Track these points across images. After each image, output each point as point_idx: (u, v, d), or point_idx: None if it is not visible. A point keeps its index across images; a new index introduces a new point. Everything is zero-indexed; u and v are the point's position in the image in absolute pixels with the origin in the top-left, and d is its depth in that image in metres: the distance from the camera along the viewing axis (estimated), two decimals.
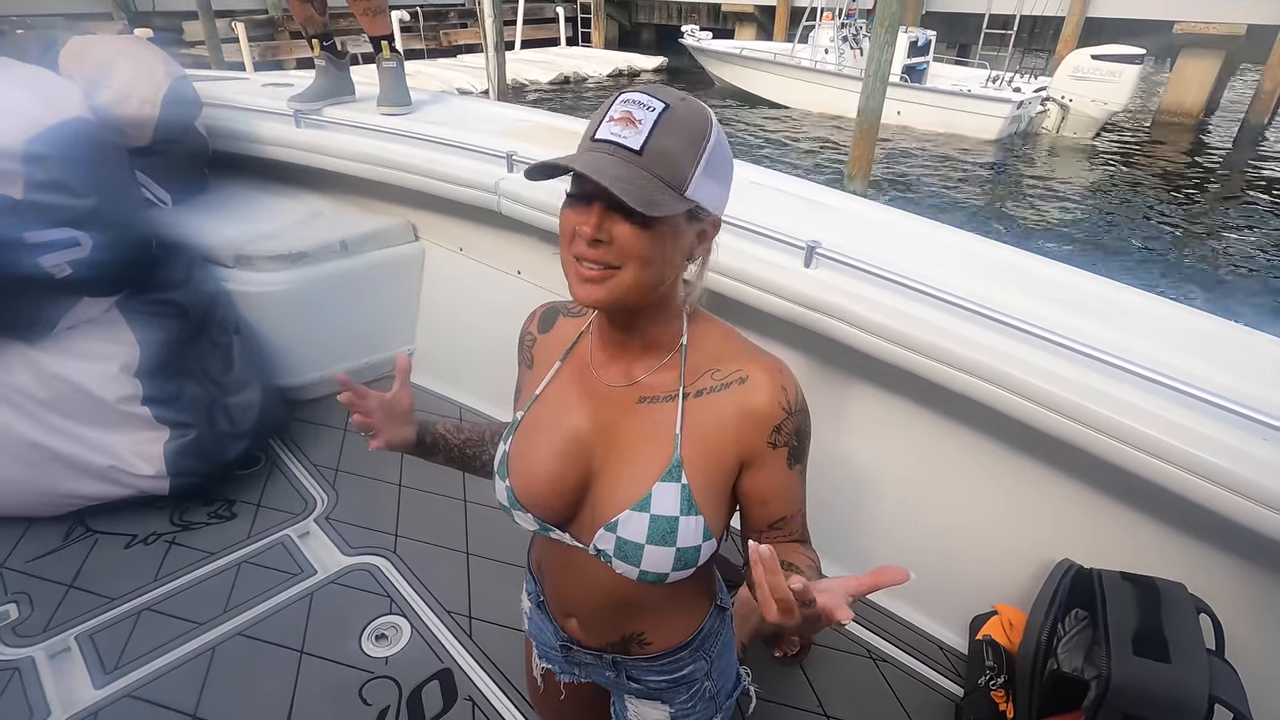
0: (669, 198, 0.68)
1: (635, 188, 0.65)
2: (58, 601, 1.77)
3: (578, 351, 0.87)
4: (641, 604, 0.89)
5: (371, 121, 2.43)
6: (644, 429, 0.80)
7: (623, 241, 0.68)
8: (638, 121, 0.67)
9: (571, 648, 0.97)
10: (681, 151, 0.68)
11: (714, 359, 0.81)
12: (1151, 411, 1.27)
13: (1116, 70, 11.60)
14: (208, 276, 2.19)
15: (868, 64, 7.86)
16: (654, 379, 0.81)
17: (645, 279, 0.71)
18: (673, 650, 0.94)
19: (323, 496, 2.16)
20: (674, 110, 0.68)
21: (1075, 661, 1.41)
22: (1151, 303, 1.59)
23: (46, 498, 1.90)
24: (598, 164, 0.66)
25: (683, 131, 0.68)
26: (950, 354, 1.44)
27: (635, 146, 0.66)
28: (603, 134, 0.68)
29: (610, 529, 0.79)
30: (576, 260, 0.71)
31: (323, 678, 1.63)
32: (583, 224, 0.69)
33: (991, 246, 1.80)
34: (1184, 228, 9.13)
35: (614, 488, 0.80)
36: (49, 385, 1.82)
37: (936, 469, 1.75)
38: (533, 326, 0.94)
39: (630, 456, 0.80)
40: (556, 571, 0.94)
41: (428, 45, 16.78)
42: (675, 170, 0.68)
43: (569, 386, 0.86)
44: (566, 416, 0.84)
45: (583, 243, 0.69)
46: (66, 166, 1.73)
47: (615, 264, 0.69)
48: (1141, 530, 1.48)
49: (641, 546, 0.77)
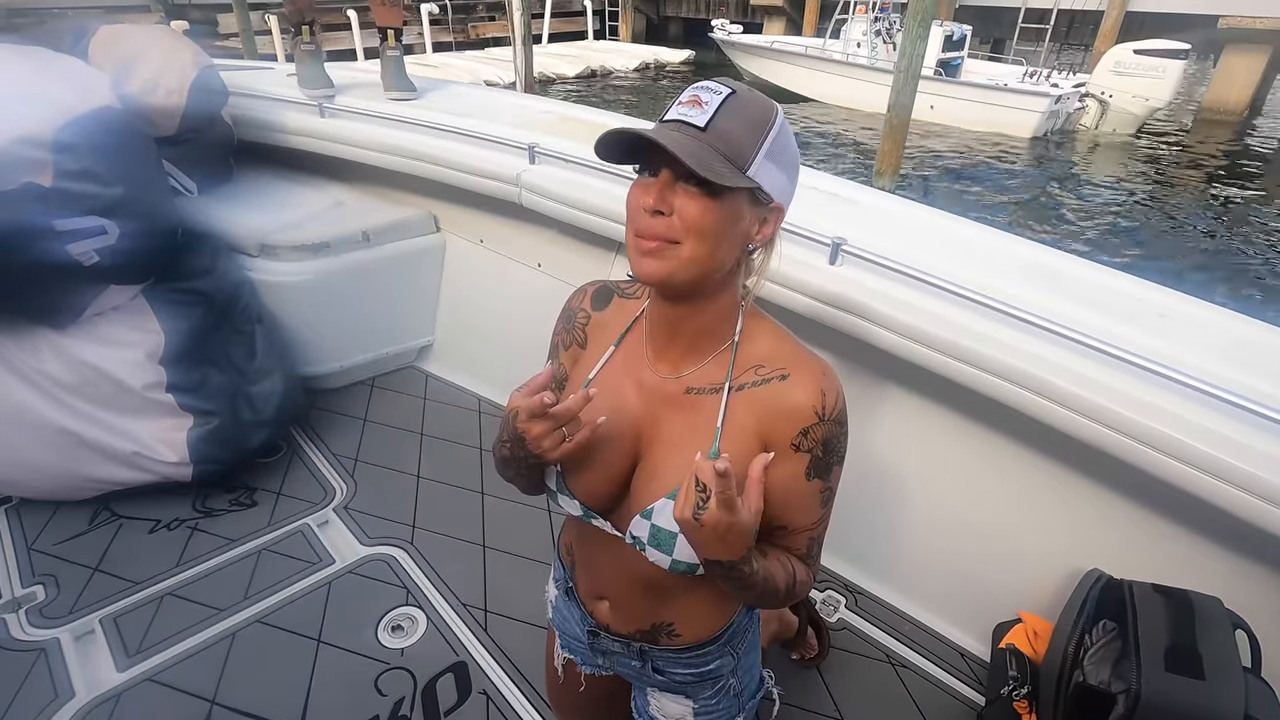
0: (730, 171, 0.69)
1: (697, 156, 0.66)
2: (83, 584, 1.80)
3: (632, 337, 0.87)
4: (673, 593, 0.89)
5: (394, 112, 2.43)
6: (688, 420, 0.81)
7: (684, 213, 0.69)
8: (704, 103, 0.69)
9: (599, 634, 0.97)
10: (744, 132, 0.70)
11: (761, 356, 0.81)
12: (1190, 419, 1.21)
13: (1160, 66, 11.26)
14: (232, 265, 2.20)
15: (899, 58, 7.71)
16: (703, 372, 0.81)
17: (703, 254, 0.71)
18: (701, 644, 0.94)
19: (342, 486, 2.18)
20: (740, 95, 0.71)
21: (1102, 674, 1.37)
22: (1192, 306, 1.53)
23: (73, 482, 1.94)
24: (662, 135, 0.67)
25: (747, 115, 0.71)
26: (979, 356, 1.40)
27: (700, 124, 0.69)
28: (671, 115, 0.71)
29: (646, 516, 0.79)
30: (638, 236, 0.72)
31: (339, 667, 1.64)
32: (646, 195, 0.70)
33: (1024, 245, 1.74)
34: (1227, 229, 8.85)
35: (655, 476, 0.81)
36: (76, 371, 1.85)
37: (961, 472, 1.71)
38: (585, 303, 0.93)
39: (672, 447, 0.81)
40: (591, 555, 0.94)
41: (456, 38, 16.85)
42: (738, 148, 0.69)
43: (622, 373, 0.86)
44: (618, 403, 0.84)
45: (645, 215, 0.70)
46: (95, 155, 1.75)
47: (675, 239, 0.70)
48: (1175, 541, 1.43)
49: (675, 535, 0.77)
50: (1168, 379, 1.24)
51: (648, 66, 17.36)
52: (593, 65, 16.36)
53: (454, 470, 2.26)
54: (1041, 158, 11.41)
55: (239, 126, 2.51)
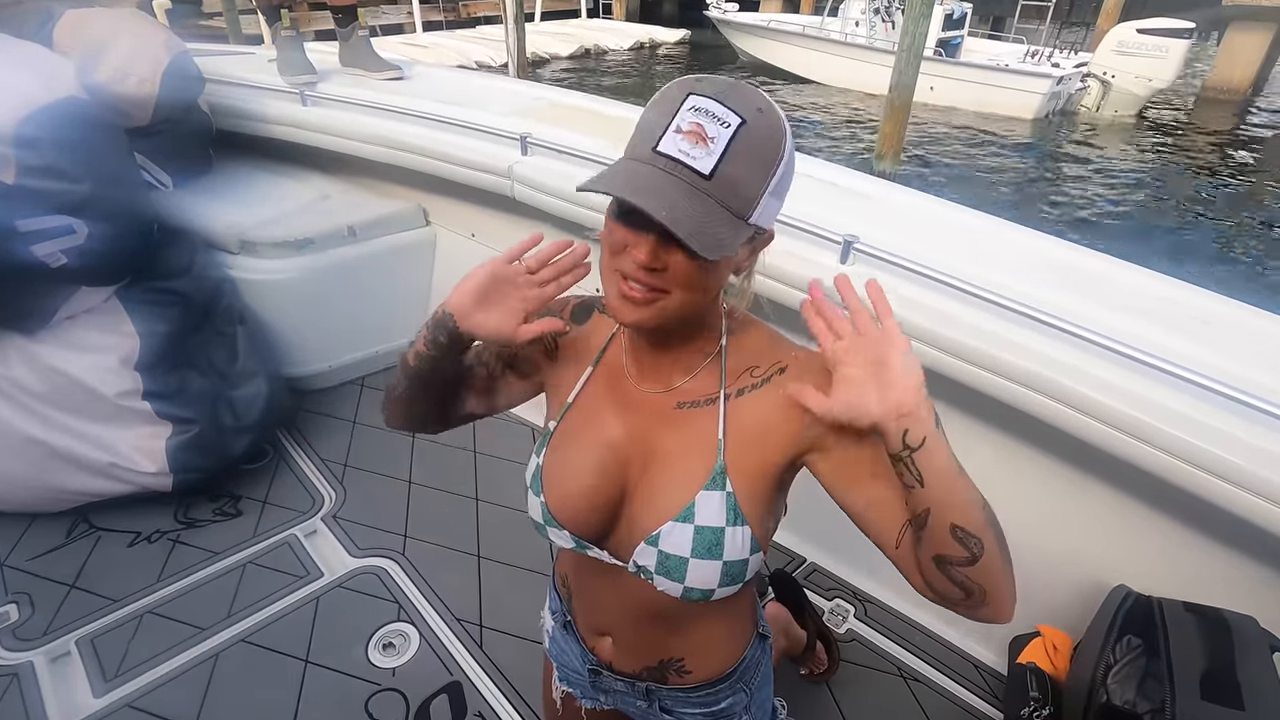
0: (730, 231, 0.61)
1: (700, 226, 0.58)
2: (59, 603, 1.72)
3: (611, 355, 0.81)
4: (682, 627, 0.83)
5: (380, 100, 2.32)
6: (683, 436, 0.74)
7: (678, 272, 0.63)
8: (709, 140, 0.59)
9: (601, 673, 0.91)
10: (752, 177, 0.62)
11: (753, 357, 0.75)
12: (1226, 430, 1.14)
13: (1163, 45, 11.12)
14: (211, 264, 2.11)
15: (901, 37, 7.55)
16: (692, 384, 0.75)
17: (692, 304, 0.67)
18: (713, 681, 0.88)
19: (330, 494, 2.09)
20: (750, 128, 0.60)
21: (1127, 693, 1.30)
22: (1236, 311, 1.44)
23: (47, 494, 1.85)
24: (660, 190, 0.59)
25: (757, 155, 0.62)
26: (1000, 362, 1.33)
27: (705, 171, 0.59)
28: (667, 147, 0.60)
29: (651, 542, 0.73)
30: (621, 276, 0.65)
31: (328, 689, 1.57)
32: (636, 248, 0.63)
33: (1050, 242, 1.65)
34: (1233, 211, 8.76)
35: (653, 499, 0.74)
36: (46, 379, 1.76)
37: (976, 478, 1.63)
38: (567, 314, 0.85)
39: (670, 466, 0.74)
40: (590, 588, 0.87)
41: (446, 17, 16.60)
42: (743, 199, 0.62)
43: (603, 393, 0.79)
44: (602, 426, 0.77)
45: (632, 263, 0.63)
46: (60, 150, 1.64)
47: (664, 289, 0.64)
48: (1204, 555, 1.37)
49: (686, 560, 0.71)
50: (1204, 388, 1.16)
51: (642, 46, 17.14)
52: (586, 44, 16.14)
53: (447, 475, 2.18)
54: (1043, 139, 11.28)
55: (217, 116, 2.40)
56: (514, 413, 2.38)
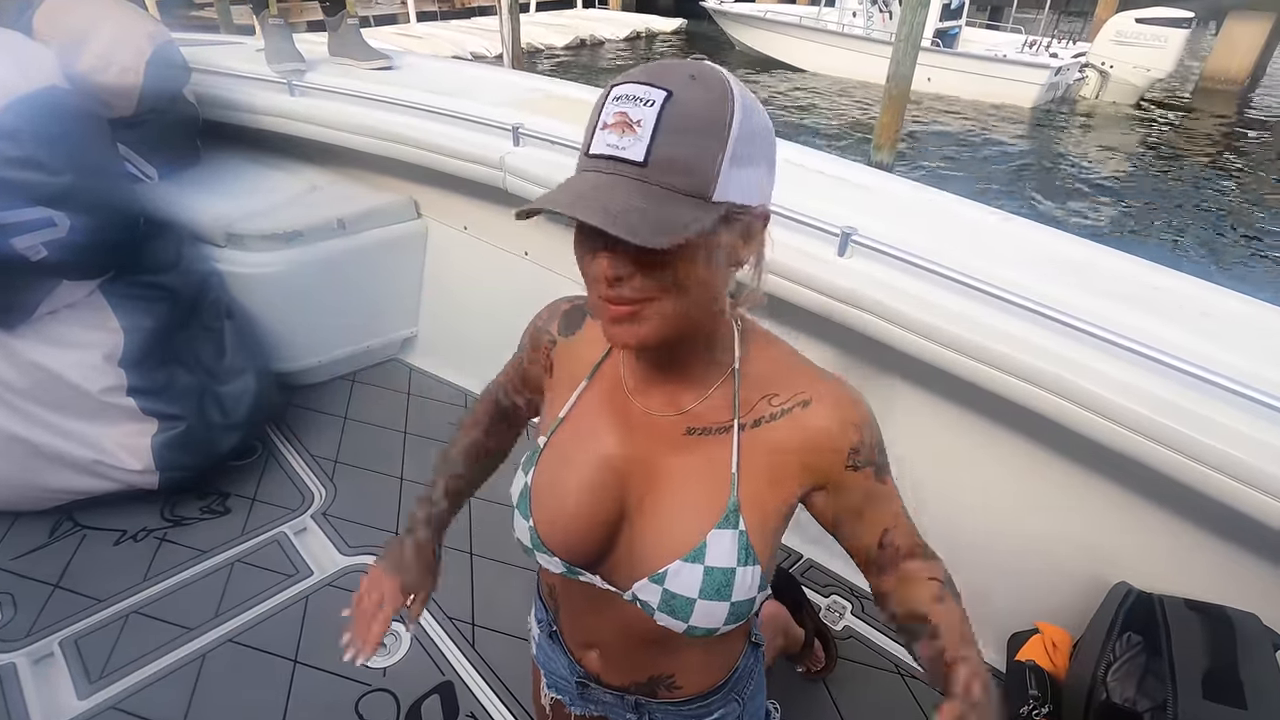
0: (691, 212, 0.54)
1: (642, 217, 0.52)
2: (42, 603, 1.68)
3: (606, 369, 0.75)
4: (674, 645, 0.79)
5: (370, 90, 2.27)
6: (694, 465, 0.69)
7: (649, 273, 0.57)
8: (635, 124, 0.53)
9: (588, 685, 0.88)
10: (698, 149, 0.54)
11: (771, 382, 0.70)
12: (1228, 425, 1.12)
13: (1162, 35, 11.07)
14: (198, 257, 2.07)
15: (899, 27, 7.50)
16: (703, 408, 0.70)
17: (686, 305, 0.59)
18: (704, 694, 0.85)
19: (320, 490, 2.06)
20: (679, 98, 0.54)
21: (1127, 691, 1.29)
22: (1239, 304, 1.41)
23: (30, 492, 1.82)
24: (593, 192, 0.54)
25: (696, 122, 0.54)
26: (997, 355, 1.30)
27: (637, 158, 0.53)
28: (597, 148, 0.55)
29: (657, 580, 0.68)
30: (605, 301, 0.59)
31: (317, 689, 1.54)
32: (593, 265, 0.58)
33: (1051, 234, 1.62)
34: (1232, 202, 8.74)
35: (660, 533, 0.69)
36: (28, 375, 1.72)
37: (976, 475, 1.62)
38: (553, 327, 0.81)
39: (679, 497, 0.69)
40: (578, 606, 0.83)
41: (440, 7, 16.45)
42: (694, 175, 0.54)
43: (600, 409, 0.74)
44: (597, 444, 0.72)
45: (603, 284, 0.58)
46: (39, 140, 1.60)
47: (647, 297, 0.58)
48: (1207, 553, 1.34)
49: (693, 601, 0.67)
50: (1207, 382, 1.14)
51: (639, 36, 17.02)
52: (582, 35, 16.02)
53: None
54: (1040, 130, 11.24)
55: (204, 106, 2.35)
56: None
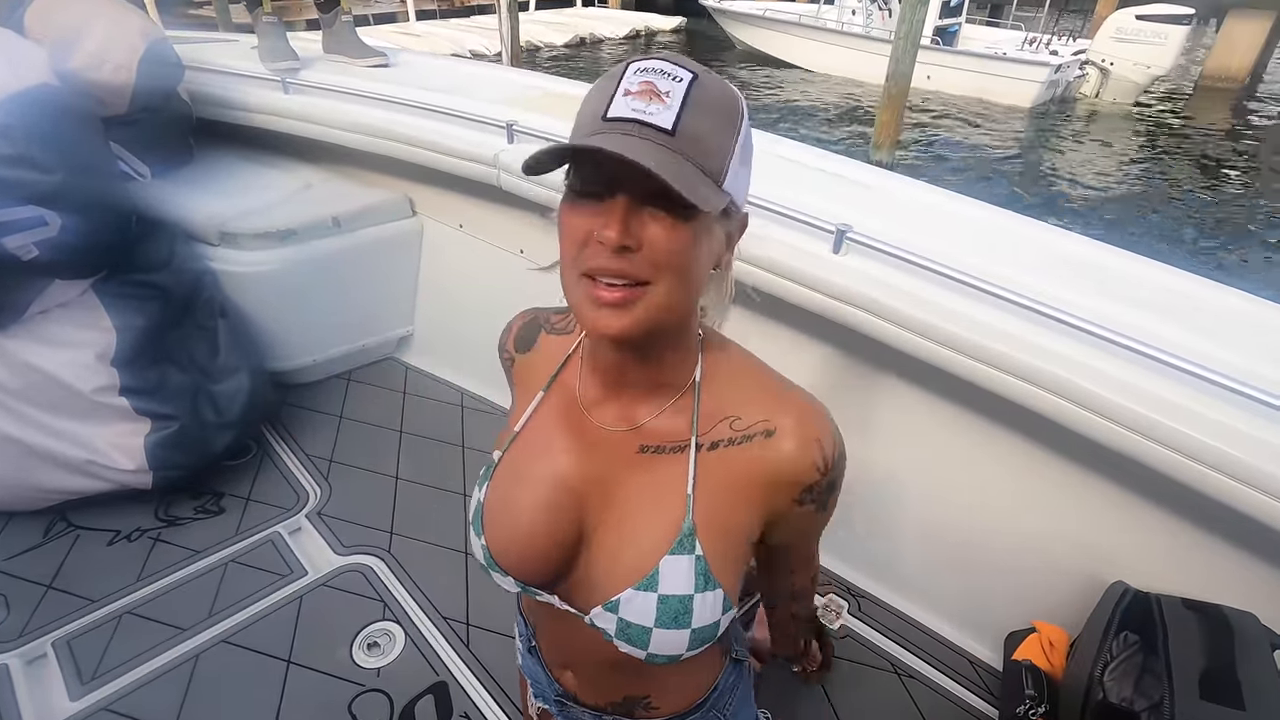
0: (708, 187, 0.53)
1: (677, 173, 0.50)
2: (36, 603, 1.68)
3: (564, 380, 0.72)
4: (648, 669, 0.76)
5: (364, 87, 2.26)
6: (647, 486, 0.66)
7: (659, 246, 0.53)
8: (664, 94, 0.52)
9: (566, 703, 0.86)
10: (717, 133, 0.54)
11: (732, 403, 0.66)
12: (1225, 423, 1.11)
13: (1162, 31, 11.05)
14: (191, 256, 2.05)
15: (898, 25, 7.49)
16: (659, 423, 0.66)
17: (680, 295, 0.56)
18: (682, 714, 0.83)
19: (315, 490, 2.05)
20: (704, 82, 0.54)
21: (1124, 690, 1.27)
22: (1237, 300, 1.41)
23: (23, 492, 1.81)
24: (627, 146, 0.50)
25: (718, 110, 0.54)
26: (994, 354, 1.29)
27: (666, 125, 0.51)
28: (619, 111, 0.52)
29: (610, 609, 0.65)
30: (590, 279, 0.55)
31: (311, 690, 1.53)
32: (603, 226, 0.52)
33: (1049, 232, 1.61)
34: (1232, 201, 8.71)
35: (614, 558, 0.66)
36: (20, 374, 1.71)
37: (973, 473, 1.61)
38: (509, 343, 0.79)
39: (631, 520, 0.66)
40: (549, 626, 0.82)
41: (440, 5, 16.43)
42: (712, 157, 0.54)
43: (555, 423, 0.71)
44: (552, 461, 0.69)
45: (603, 253, 0.53)
46: (30, 138, 1.59)
47: (645, 278, 0.54)
48: (1205, 552, 1.34)
49: (648, 630, 0.63)
50: (1205, 380, 1.13)
51: (638, 34, 17.00)
52: (581, 33, 15.99)
53: (434, 470, 2.14)
54: (1041, 128, 11.21)
55: (197, 104, 2.34)
56: (502, 405, 2.35)
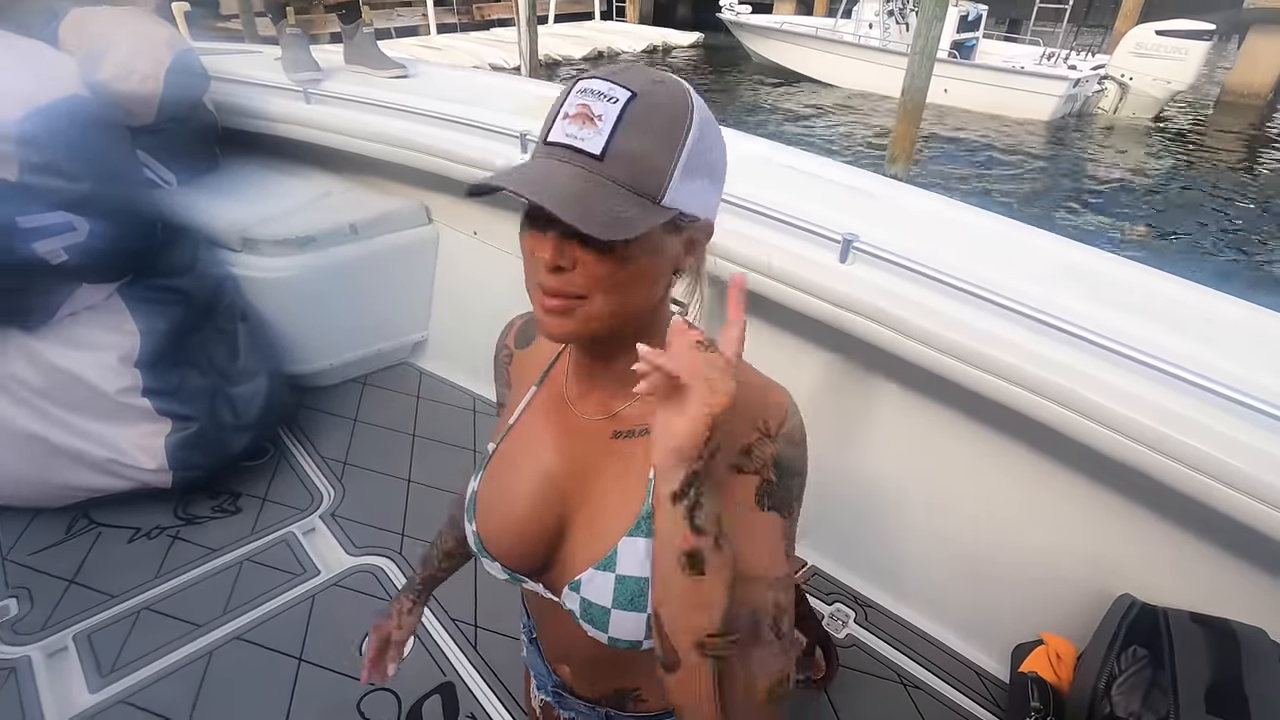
0: (639, 211, 0.55)
1: (592, 207, 0.52)
2: (58, 597, 1.72)
3: (555, 375, 0.76)
4: (636, 660, 0.76)
5: (383, 98, 2.31)
6: (617, 470, 0.68)
7: (589, 269, 0.56)
8: (597, 118, 0.54)
9: (563, 695, 0.88)
10: (654, 151, 0.55)
11: None
12: (1234, 437, 1.11)
13: (1183, 47, 10.94)
14: (213, 261, 2.11)
15: (915, 39, 7.48)
16: (631, 410, 0.68)
17: (615, 306, 0.59)
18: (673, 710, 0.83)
19: (330, 491, 2.09)
20: (642, 99, 0.55)
21: (1132, 704, 1.27)
22: (1243, 311, 1.41)
23: (48, 489, 1.86)
24: (547, 178, 0.54)
25: (655, 125, 0.55)
26: (1000, 364, 1.30)
27: (595, 151, 0.54)
28: (556, 135, 0.56)
29: (574, 588, 0.67)
30: (540, 289, 0.59)
31: (321, 688, 1.56)
32: (539, 248, 0.57)
33: (1055, 241, 1.62)
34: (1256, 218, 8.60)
35: (583, 540, 0.69)
36: (47, 375, 1.76)
37: (980, 484, 1.61)
38: (510, 340, 0.83)
39: (601, 503, 0.68)
40: (542, 616, 0.85)
41: (460, 19, 16.66)
42: (647, 175, 0.55)
43: (545, 417, 0.74)
44: (540, 453, 0.72)
45: (543, 269, 0.57)
46: (60, 147, 1.65)
47: (580, 293, 0.57)
48: (1213, 566, 1.33)
49: (607, 611, 0.65)
50: (1212, 393, 1.13)
51: (655, 49, 17.11)
52: (599, 47, 16.13)
53: (446, 473, 2.17)
54: (1059, 143, 11.15)
55: (222, 113, 2.40)
56: None
